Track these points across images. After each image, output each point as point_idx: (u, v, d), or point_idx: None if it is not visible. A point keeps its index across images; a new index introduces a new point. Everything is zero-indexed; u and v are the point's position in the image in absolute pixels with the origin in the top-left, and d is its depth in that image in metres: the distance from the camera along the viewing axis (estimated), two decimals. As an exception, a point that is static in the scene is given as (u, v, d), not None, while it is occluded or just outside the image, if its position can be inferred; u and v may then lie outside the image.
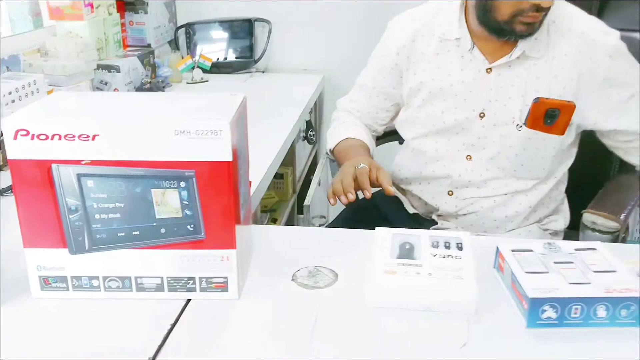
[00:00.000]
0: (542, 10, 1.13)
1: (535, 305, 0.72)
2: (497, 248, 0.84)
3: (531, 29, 1.15)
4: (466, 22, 1.23)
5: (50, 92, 1.46)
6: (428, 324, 0.74)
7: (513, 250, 0.82)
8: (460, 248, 0.84)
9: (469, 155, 1.26)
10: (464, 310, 0.75)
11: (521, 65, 1.20)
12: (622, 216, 1.17)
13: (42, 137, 0.71)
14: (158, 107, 0.81)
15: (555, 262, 0.79)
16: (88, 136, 0.71)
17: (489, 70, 1.22)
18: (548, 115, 1.19)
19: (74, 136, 0.71)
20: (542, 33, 1.18)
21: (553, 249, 0.83)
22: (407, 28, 1.30)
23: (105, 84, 1.68)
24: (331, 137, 1.39)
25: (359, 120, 1.41)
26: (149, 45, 1.98)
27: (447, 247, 0.84)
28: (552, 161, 1.25)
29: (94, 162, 0.72)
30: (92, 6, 1.69)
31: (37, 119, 0.73)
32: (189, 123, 0.71)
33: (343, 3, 2.14)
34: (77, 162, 0.72)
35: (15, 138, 0.71)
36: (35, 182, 0.73)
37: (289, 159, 1.99)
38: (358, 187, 1.10)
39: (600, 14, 1.43)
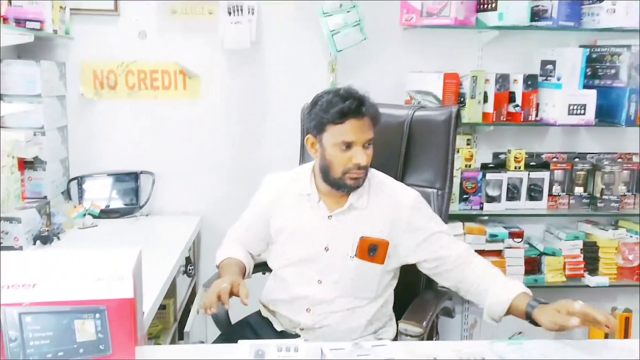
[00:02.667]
0: (362, 168, 1.61)
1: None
2: (321, 349, 1.23)
3: (357, 182, 1.63)
4: (315, 182, 1.70)
5: (-40, 244, 1.69)
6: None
7: (331, 349, 1.21)
8: (296, 350, 1.21)
9: (320, 280, 1.67)
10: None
11: (352, 213, 1.66)
12: (424, 323, 1.61)
13: (-5, 287, 1.01)
14: (79, 261, 1.13)
15: (358, 355, 1.18)
16: (30, 285, 1.02)
17: (330, 217, 1.68)
18: (371, 249, 1.64)
19: (18, 286, 1.02)
20: (365, 192, 1.67)
21: (358, 346, 1.22)
22: (275, 185, 1.78)
23: (7, 233, 1.93)
24: (218, 256, 1.78)
25: (240, 244, 1.81)
26: (45, 197, 2.26)
27: (288, 350, 1.21)
28: (378, 284, 1.68)
29: (32, 304, 1.03)
30: (-3, 167, 1.98)
31: (-9, 274, 1.03)
32: (104, 272, 1.05)
33: (216, 156, 2.58)
34: (20, 304, 1.02)
35: (-26, 289, 1.00)
36: (-14, 320, 1.01)
37: (170, 291, 2.28)
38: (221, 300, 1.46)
39: (403, 174, 1.98)
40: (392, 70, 2.56)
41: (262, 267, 1.90)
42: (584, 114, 2.41)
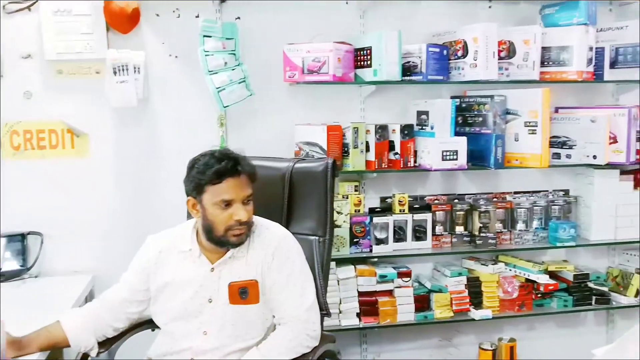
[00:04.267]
0: (244, 224, 1.69)
1: None
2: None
3: (240, 239, 1.72)
4: (197, 238, 1.77)
5: None
6: None
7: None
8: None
9: (205, 331, 1.73)
10: None
11: (233, 262, 1.75)
12: None
13: None
14: None
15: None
16: None
17: (212, 269, 1.74)
18: (241, 292, 1.72)
19: None
20: (246, 240, 1.75)
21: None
22: (157, 244, 1.84)
23: None
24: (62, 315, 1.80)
25: (105, 306, 1.81)
26: None
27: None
28: (263, 323, 1.76)
29: None
30: None
31: None
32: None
33: (107, 213, 2.57)
34: None
35: None
36: None
37: (57, 353, 2.21)
38: None
39: (287, 224, 2.06)
40: (281, 123, 2.68)
41: (148, 324, 1.92)
42: (456, 159, 2.61)
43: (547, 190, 2.97)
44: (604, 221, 2.86)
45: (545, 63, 2.69)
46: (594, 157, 2.70)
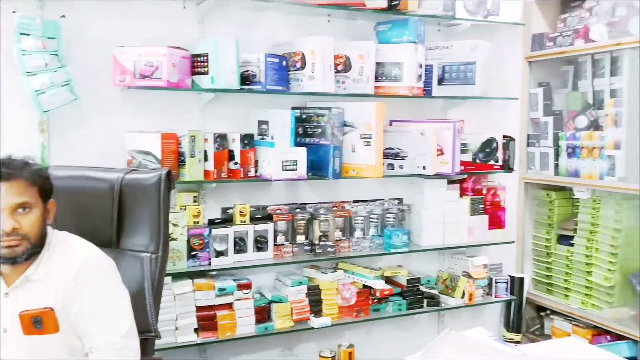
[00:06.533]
0: (14, 235, 1.49)
1: None
2: None
3: (14, 251, 1.50)
4: None
5: None
6: None
7: None
8: None
9: None
10: None
11: (31, 287, 1.56)
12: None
13: None
14: None
15: None
16: None
17: (6, 294, 1.55)
18: (35, 322, 1.53)
19: None
20: (43, 260, 1.57)
21: None
22: None
23: None
24: None
25: None
26: None
27: None
28: (70, 353, 1.57)
29: None
30: None
31: None
32: None
33: None
34: None
35: None
36: None
37: None
38: None
39: (118, 240, 1.92)
40: (112, 130, 2.51)
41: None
42: (296, 169, 2.63)
43: (382, 199, 3.10)
44: (433, 228, 3.05)
45: (380, 78, 2.81)
46: (424, 167, 2.87)
